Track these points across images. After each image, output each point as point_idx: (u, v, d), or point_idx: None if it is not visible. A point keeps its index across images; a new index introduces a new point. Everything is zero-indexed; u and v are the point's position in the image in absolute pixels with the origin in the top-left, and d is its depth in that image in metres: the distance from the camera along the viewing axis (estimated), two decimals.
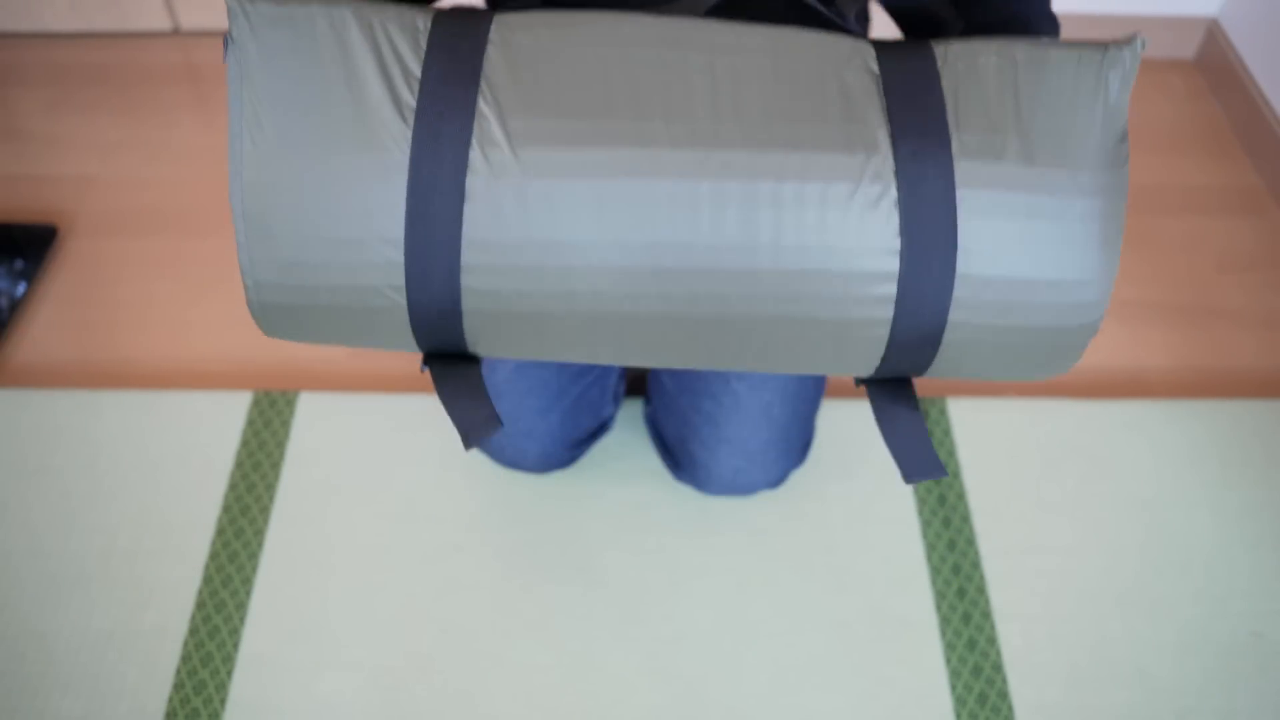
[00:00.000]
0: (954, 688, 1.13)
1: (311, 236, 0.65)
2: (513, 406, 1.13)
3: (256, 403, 1.34)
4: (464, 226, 0.64)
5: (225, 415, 1.33)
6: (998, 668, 1.14)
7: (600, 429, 1.24)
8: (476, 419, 0.71)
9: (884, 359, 0.70)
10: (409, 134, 0.63)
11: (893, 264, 0.64)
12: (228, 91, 0.64)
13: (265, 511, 1.25)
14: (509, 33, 0.66)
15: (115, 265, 1.54)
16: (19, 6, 1.86)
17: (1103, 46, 0.65)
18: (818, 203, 0.64)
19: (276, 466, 1.29)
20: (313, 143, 0.63)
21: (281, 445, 1.31)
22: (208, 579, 1.19)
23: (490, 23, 0.67)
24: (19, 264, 1.51)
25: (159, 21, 1.90)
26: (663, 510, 1.26)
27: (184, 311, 1.48)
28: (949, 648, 1.16)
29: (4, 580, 1.19)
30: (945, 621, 1.18)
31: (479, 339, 0.70)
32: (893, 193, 0.64)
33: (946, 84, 0.66)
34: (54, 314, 1.47)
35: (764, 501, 1.26)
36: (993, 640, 1.16)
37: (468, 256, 0.65)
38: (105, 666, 1.12)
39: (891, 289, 0.65)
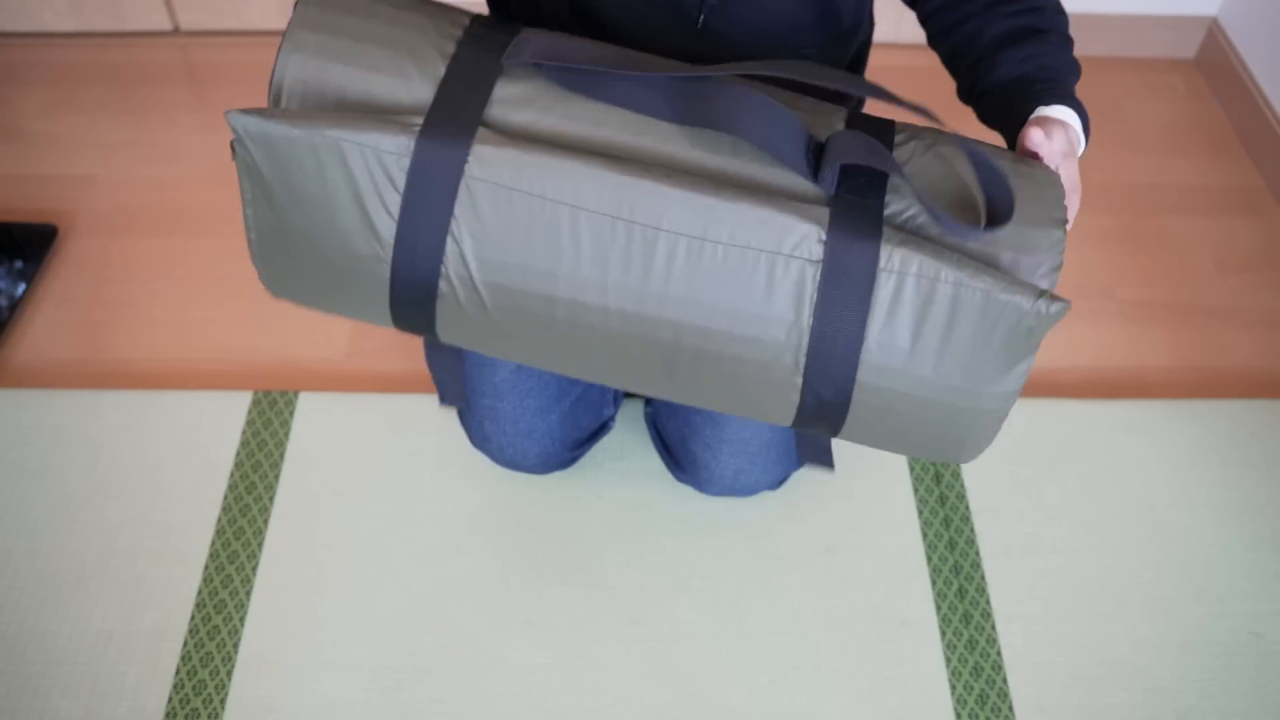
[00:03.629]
0: (954, 688, 1.13)
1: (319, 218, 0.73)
2: (513, 407, 1.13)
3: (256, 403, 1.34)
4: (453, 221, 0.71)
5: (225, 415, 1.33)
6: (998, 668, 1.14)
7: (600, 429, 1.24)
8: (450, 389, 0.88)
9: (798, 417, 0.77)
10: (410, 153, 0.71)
11: (804, 340, 0.72)
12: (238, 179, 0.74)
13: (265, 511, 1.25)
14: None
15: (115, 265, 1.54)
16: (19, 6, 1.86)
17: (1033, 295, 0.69)
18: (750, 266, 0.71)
19: (276, 467, 1.29)
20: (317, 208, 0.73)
21: (281, 445, 1.31)
22: (208, 579, 1.19)
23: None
24: (19, 264, 1.51)
25: (159, 21, 1.90)
26: (663, 510, 1.26)
27: (184, 311, 1.48)
28: (949, 648, 1.16)
29: (4, 580, 1.19)
30: (945, 621, 1.18)
31: (444, 324, 0.76)
32: (816, 275, 0.70)
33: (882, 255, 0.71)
34: (54, 314, 1.47)
35: (764, 502, 1.26)
36: (993, 640, 1.16)
37: (451, 247, 0.71)
38: (105, 666, 1.12)
39: (802, 359, 0.73)
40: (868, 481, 1.29)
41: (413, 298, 0.74)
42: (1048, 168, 0.76)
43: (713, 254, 0.70)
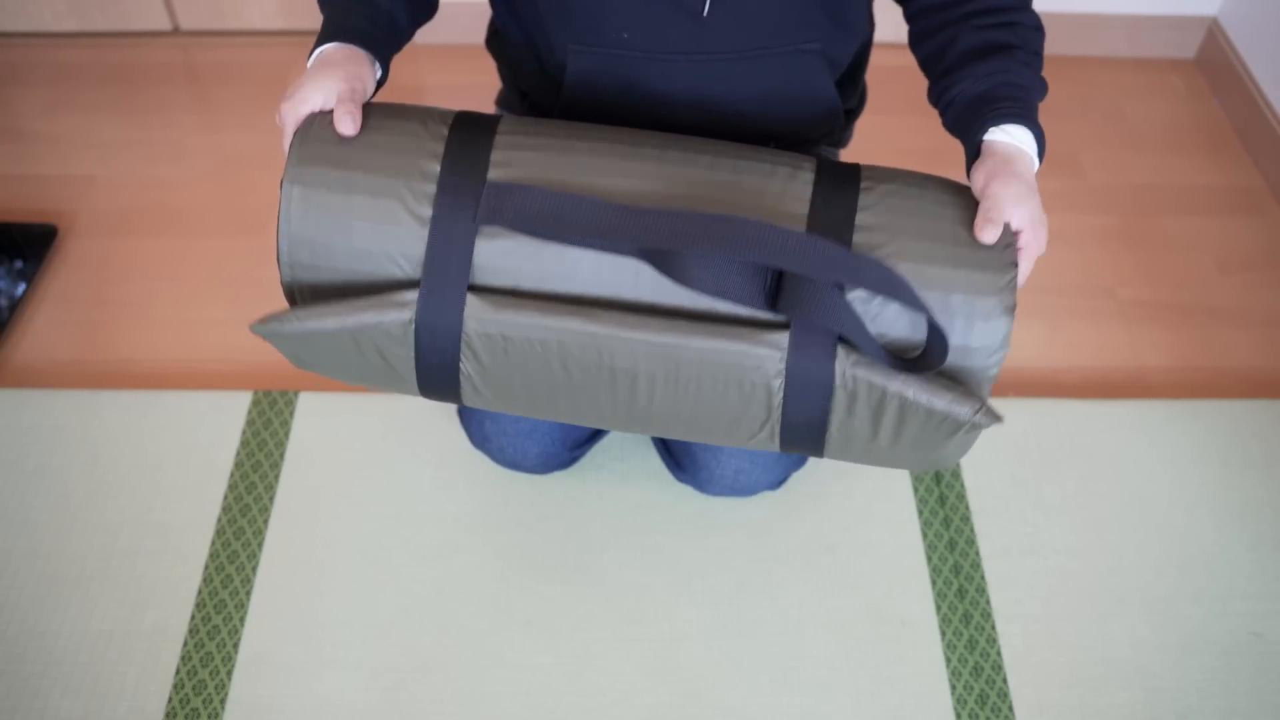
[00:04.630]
0: (954, 688, 1.13)
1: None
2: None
3: (256, 403, 1.34)
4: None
5: (225, 415, 1.33)
6: (998, 668, 1.14)
7: (601, 429, 1.24)
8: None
9: (783, 445, 0.86)
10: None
11: (776, 424, 0.82)
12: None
13: (265, 511, 1.25)
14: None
15: (115, 265, 1.54)
16: (19, 6, 1.86)
17: (972, 410, 0.78)
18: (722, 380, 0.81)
19: (276, 467, 1.29)
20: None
21: (281, 445, 1.31)
22: (208, 579, 1.19)
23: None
24: (19, 264, 1.51)
25: (159, 21, 1.90)
26: (663, 511, 1.26)
27: (184, 311, 1.48)
28: (949, 648, 1.16)
29: (4, 580, 1.19)
30: (945, 621, 1.18)
31: (470, 386, 0.85)
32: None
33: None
34: (54, 314, 1.47)
35: (764, 502, 1.26)
36: (993, 640, 1.16)
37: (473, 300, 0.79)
38: (105, 666, 1.12)
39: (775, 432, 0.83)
40: (867, 481, 1.29)
41: (439, 392, 0.86)
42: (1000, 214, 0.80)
43: (686, 382, 0.80)
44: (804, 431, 0.82)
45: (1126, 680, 1.14)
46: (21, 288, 1.48)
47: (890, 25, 1.89)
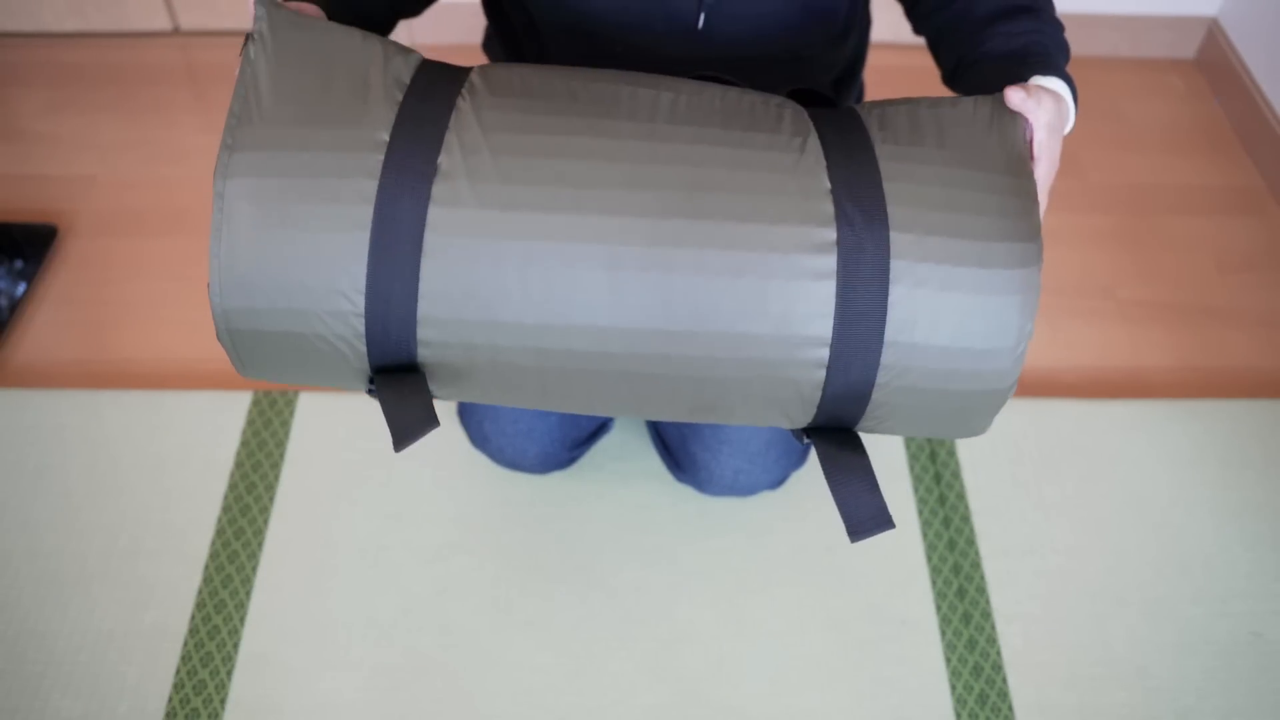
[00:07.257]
0: (954, 688, 1.13)
1: (281, 280, 0.65)
2: (513, 406, 1.13)
3: (256, 403, 1.34)
4: (421, 281, 0.65)
5: (225, 415, 1.33)
6: (998, 668, 1.14)
7: (600, 429, 1.24)
8: (413, 418, 0.70)
9: (818, 413, 0.73)
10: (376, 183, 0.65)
11: (826, 329, 0.67)
12: (236, 82, 0.68)
13: (265, 511, 1.25)
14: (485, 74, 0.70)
15: (115, 265, 1.54)
16: (19, 6, 1.86)
17: (994, 95, 0.72)
18: (762, 273, 0.66)
19: (276, 466, 1.29)
20: (300, 127, 0.65)
21: (281, 445, 1.31)
22: (208, 579, 1.19)
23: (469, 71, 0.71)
24: (19, 264, 1.51)
25: (159, 21, 1.90)
26: (663, 511, 1.26)
27: (184, 311, 1.48)
28: (949, 648, 1.16)
29: (4, 580, 1.19)
30: (945, 621, 1.18)
31: (438, 386, 0.72)
32: (832, 264, 0.66)
33: (875, 141, 0.69)
34: (54, 314, 1.47)
35: (764, 502, 1.26)
36: (993, 640, 1.16)
37: (424, 308, 0.66)
38: (105, 666, 1.12)
39: (825, 352, 0.68)
40: None
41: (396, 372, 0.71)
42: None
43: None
44: (855, 366, 0.69)
45: (1126, 680, 1.14)
46: (21, 288, 1.48)
47: (890, 25, 1.89)
